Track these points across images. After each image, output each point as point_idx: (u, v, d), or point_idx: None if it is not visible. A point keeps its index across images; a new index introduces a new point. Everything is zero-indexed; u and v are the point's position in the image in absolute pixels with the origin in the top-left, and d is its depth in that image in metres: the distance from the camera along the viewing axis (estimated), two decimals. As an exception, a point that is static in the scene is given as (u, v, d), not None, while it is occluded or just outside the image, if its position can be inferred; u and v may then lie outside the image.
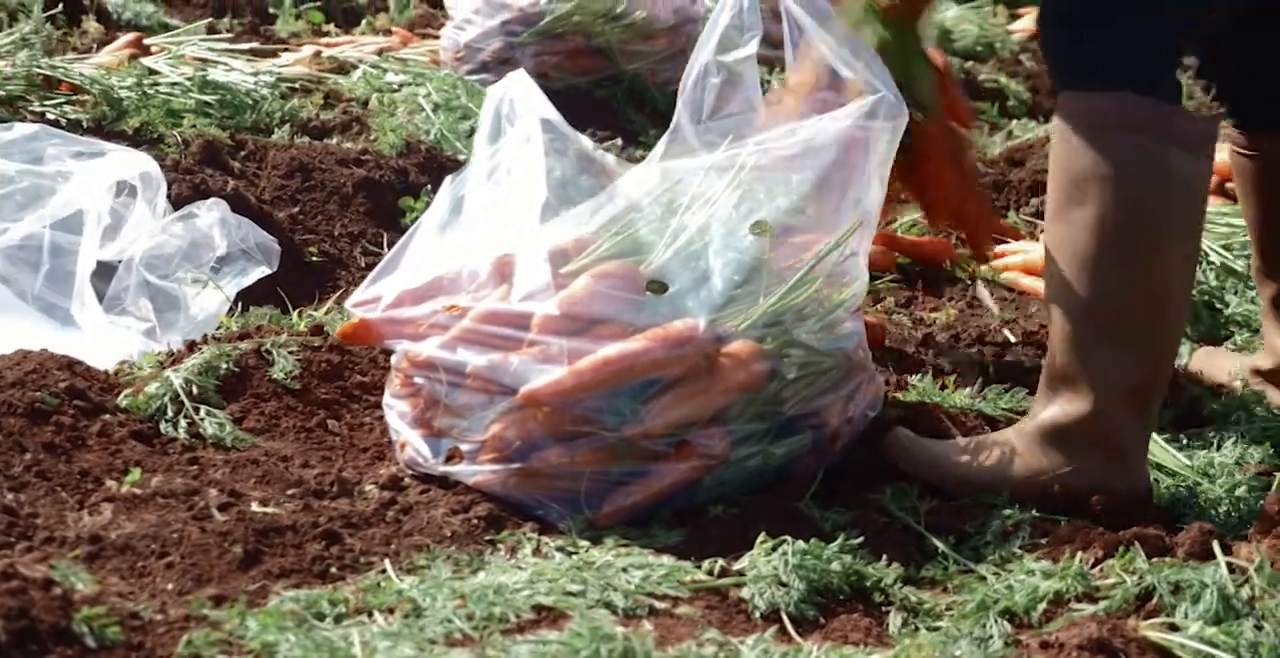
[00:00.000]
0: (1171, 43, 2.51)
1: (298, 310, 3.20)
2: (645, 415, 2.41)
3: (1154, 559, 2.26)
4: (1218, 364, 3.09)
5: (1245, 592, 2.12)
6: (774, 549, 2.27)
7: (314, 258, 3.82)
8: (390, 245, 4.01)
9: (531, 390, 2.37)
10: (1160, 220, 2.45)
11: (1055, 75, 2.61)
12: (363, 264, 3.89)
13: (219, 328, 3.09)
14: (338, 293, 3.46)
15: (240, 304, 3.35)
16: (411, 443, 2.49)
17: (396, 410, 2.54)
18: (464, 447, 2.44)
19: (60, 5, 4.93)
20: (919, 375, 2.98)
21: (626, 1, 4.95)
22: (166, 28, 5.43)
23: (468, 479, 2.42)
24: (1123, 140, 2.45)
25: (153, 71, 4.30)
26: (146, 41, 4.63)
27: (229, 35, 5.07)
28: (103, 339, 3.14)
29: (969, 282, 3.82)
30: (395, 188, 4.15)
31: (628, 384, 2.40)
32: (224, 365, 2.70)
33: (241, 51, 4.69)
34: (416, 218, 4.10)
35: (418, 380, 2.49)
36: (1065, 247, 2.49)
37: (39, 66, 4.09)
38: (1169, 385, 2.66)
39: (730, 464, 2.48)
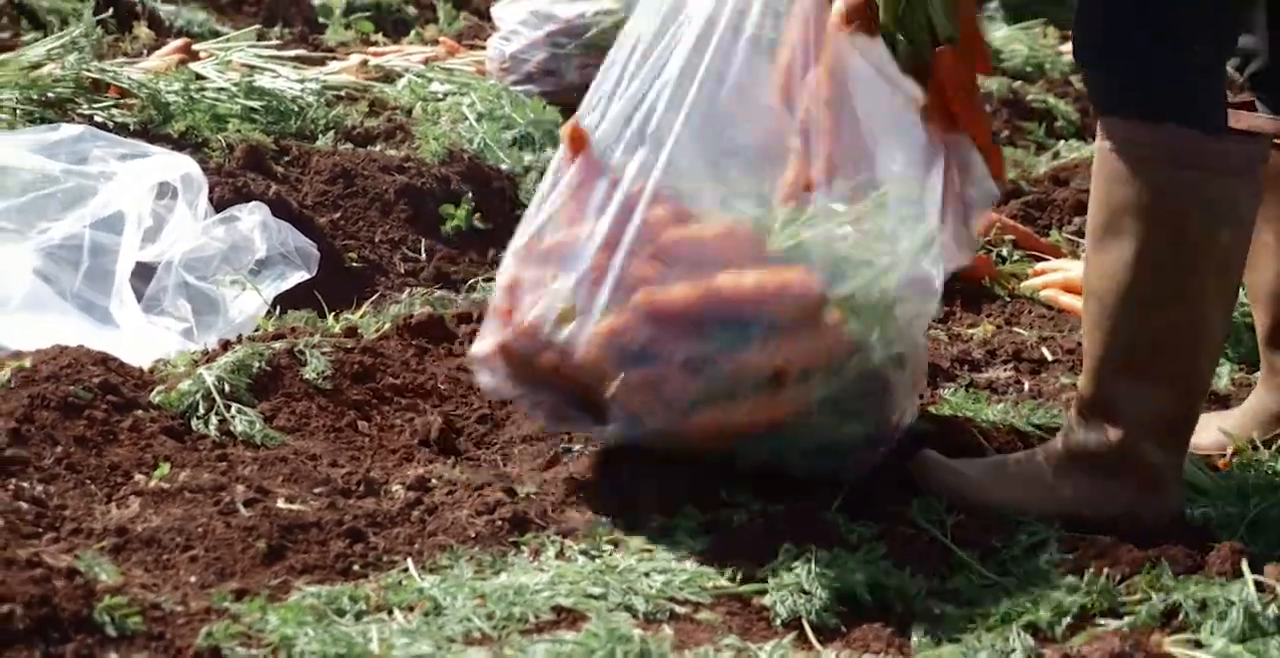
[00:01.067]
0: (1211, 67, 2.46)
1: (334, 313, 3.22)
2: (755, 346, 2.41)
3: (1181, 577, 2.24)
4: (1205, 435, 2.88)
5: (1273, 610, 2.10)
6: (798, 558, 2.27)
7: (354, 263, 3.84)
8: (430, 252, 4.06)
9: (652, 294, 2.39)
10: (1200, 255, 2.42)
11: (1094, 101, 2.58)
12: (402, 270, 3.92)
13: (256, 330, 3.11)
14: (374, 297, 3.47)
15: (279, 308, 3.37)
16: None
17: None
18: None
19: (111, 11, 4.97)
20: (952, 389, 2.97)
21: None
22: (217, 35, 5.47)
23: (578, 347, 2.41)
24: (1164, 173, 2.41)
25: (200, 77, 4.34)
26: (195, 47, 4.67)
27: (277, 42, 5.10)
28: (140, 338, 3.17)
29: (1008, 298, 3.80)
30: (437, 195, 4.17)
31: (737, 319, 2.42)
32: (256, 364, 2.72)
33: (288, 59, 4.73)
34: (457, 225, 4.15)
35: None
36: (1103, 278, 2.47)
37: (88, 69, 4.13)
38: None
39: (809, 423, 2.49)
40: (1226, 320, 2.52)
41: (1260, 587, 2.16)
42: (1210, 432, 2.83)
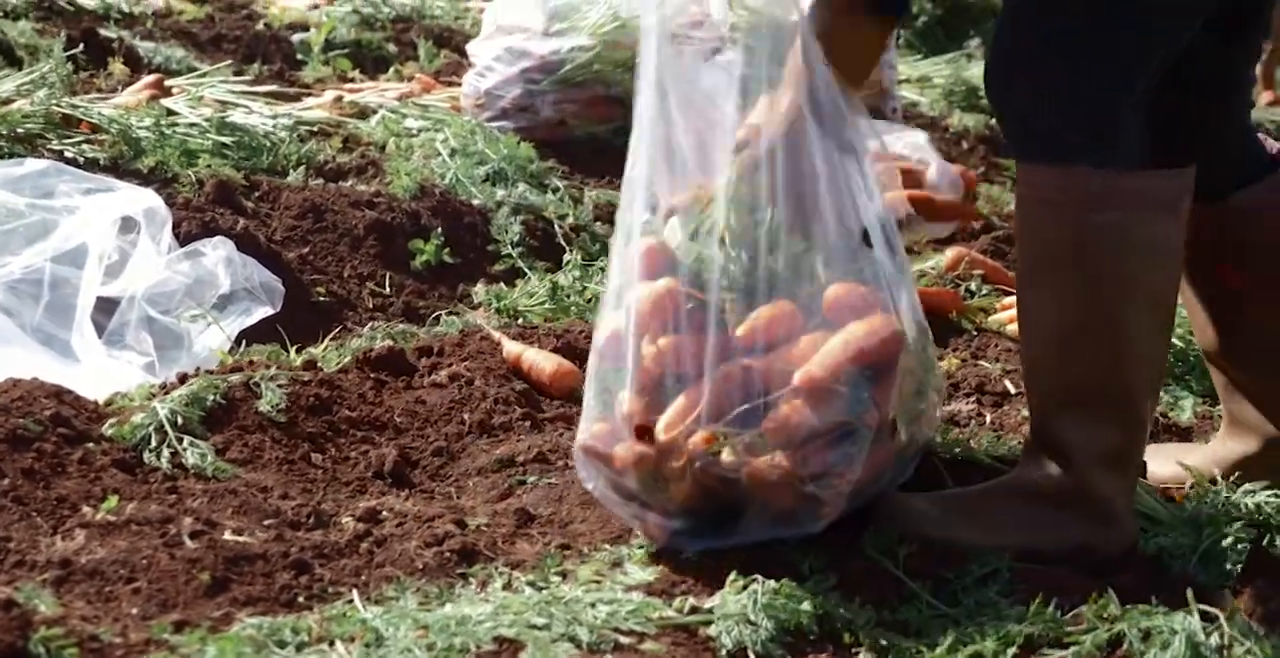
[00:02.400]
0: (1123, 105, 2.42)
1: (296, 347, 3.22)
2: (874, 403, 2.40)
3: (1128, 607, 2.23)
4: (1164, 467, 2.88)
5: (1215, 639, 2.09)
6: (744, 588, 2.26)
7: (321, 298, 3.84)
8: (399, 287, 4.06)
9: (810, 373, 2.35)
10: (1127, 288, 2.41)
11: (1010, 146, 2.56)
12: (370, 305, 3.92)
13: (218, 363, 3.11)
14: (336, 330, 3.47)
15: (245, 342, 3.37)
16: None
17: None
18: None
19: (82, 47, 4.99)
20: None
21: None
22: (195, 72, 5.50)
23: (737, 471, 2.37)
24: (1082, 215, 2.39)
25: (171, 112, 4.35)
26: (168, 83, 4.69)
27: (249, 78, 5.12)
28: (102, 372, 3.17)
29: (975, 332, 3.81)
30: (407, 230, 4.18)
31: (857, 374, 2.40)
32: (211, 397, 2.72)
33: (261, 94, 4.75)
34: (426, 260, 4.16)
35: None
36: (1034, 317, 2.48)
37: (58, 105, 4.15)
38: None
39: (904, 451, 2.53)
40: (1162, 352, 2.52)
41: (1205, 616, 2.15)
42: (1171, 465, 2.83)
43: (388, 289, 3.97)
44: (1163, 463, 2.86)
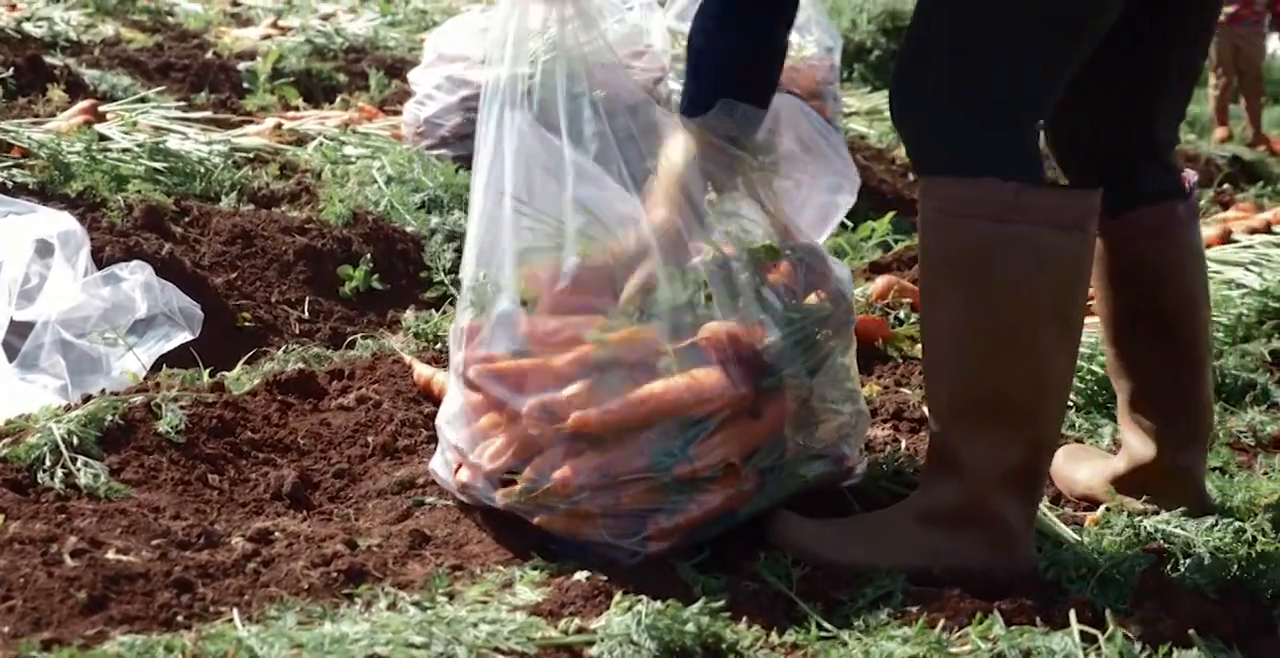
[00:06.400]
0: (1028, 119, 2.43)
1: (208, 370, 3.20)
2: (694, 457, 2.46)
3: (1013, 627, 2.23)
4: (1078, 470, 2.96)
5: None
6: (629, 608, 2.25)
7: (247, 324, 3.83)
8: (327, 313, 4.05)
9: (585, 416, 2.40)
10: (1031, 303, 2.38)
11: (913, 159, 2.54)
12: (297, 330, 3.91)
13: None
14: (251, 354, 3.46)
15: (166, 367, 3.35)
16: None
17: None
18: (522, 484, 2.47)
19: (18, 73, 4.99)
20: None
21: (587, 80, 4.98)
22: (145, 101, 5.50)
23: (531, 517, 2.46)
24: (988, 227, 2.37)
25: (104, 137, 4.35)
26: (103, 109, 4.69)
27: (182, 104, 5.12)
28: (12, 395, 3.15)
29: (900, 360, 3.81)
30: (337, 256, 4.18)
31: (675, 426, 2.45)
32: (109, 418, 2.70)
33: (197, 121, 4.75)
34: (355, 287, 4.16)
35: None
36: (935, 330, 2.46)
37: (-12, 129, 4.15)
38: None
39: (764, 491, 2.55)
40: (1066, 371, 2.49)
41: (1086, 637, 2.14)
42: (1085, 470, 2.88)
43: (316, 315, 3.96)
44: (1081, 466, 2.88)
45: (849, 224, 5.21)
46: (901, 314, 4.05)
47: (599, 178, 2.55)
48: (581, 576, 2.41)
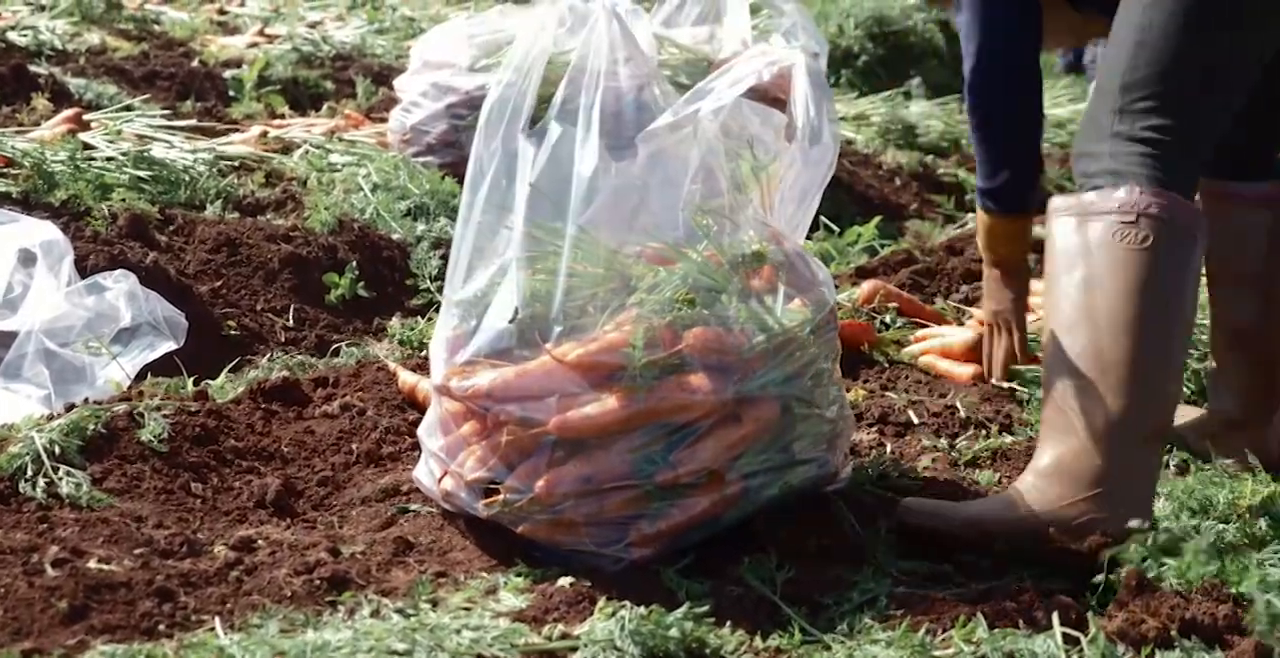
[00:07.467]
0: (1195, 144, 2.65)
1: (193, 378, 3.20)
2: (676, 463, 2.47)
3: (994, 630, 2.23)
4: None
5: (1074, 661, 2.09)
6: (613, 614, 2.24)
7: (233, 332, 3.83)
8: (313, 321, 4.05)
9: (564, 420, 2.41)
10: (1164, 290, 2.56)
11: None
12: (283, 338, 3.90)
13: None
14: (236, 362, 3.46)
15: (151, 376, 3.34)
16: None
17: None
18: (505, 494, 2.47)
19: (6, 82, 4.99)
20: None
21: (568, 87, 4.98)
22: (130, 110, 5.50)
23: (514, 526, 2.47)
24: (1105, 221, 2.58)
25: (88, 146, 4.34)
26: (87, 117, 4.68)
27: (170, 113, 5.12)
28: (-6, 404, 3.15)
29: (886, 364, 3.81)
30: (323, 264, 4.18)
31: (657, 432, 2.46)
32: (91, 427, 2.70)
33: (182, 129, 4.74)
34: (341, 294, 4.15)
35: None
36: (1073, 307, 2.58)
37: (-31, 139, 4.14)
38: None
39: (748, 496, 2.55)
40: (1185, 346, 2.63)
41: (1068, 638, 2.15)
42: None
43: (301, 323, 3.96)
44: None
45: (835, 229, 5.21)
46: (887, 319, 4.04)
47: (595, 188, 2.56)
48: (565, 582, 2.41)
